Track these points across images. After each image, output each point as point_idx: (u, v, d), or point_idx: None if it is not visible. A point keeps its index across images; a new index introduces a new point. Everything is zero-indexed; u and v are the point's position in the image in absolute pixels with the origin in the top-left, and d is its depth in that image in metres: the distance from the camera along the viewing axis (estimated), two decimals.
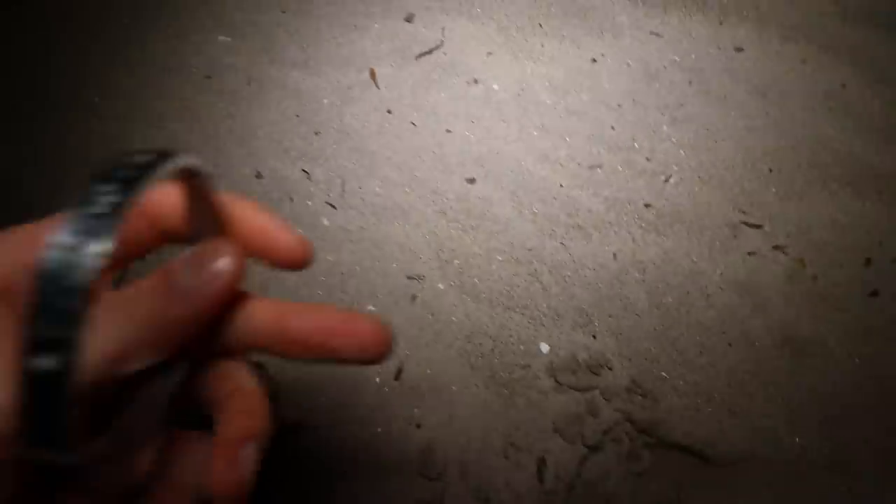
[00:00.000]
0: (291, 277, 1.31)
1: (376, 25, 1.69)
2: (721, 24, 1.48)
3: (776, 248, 1.16)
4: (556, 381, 1.08)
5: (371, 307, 1.26)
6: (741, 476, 0.99)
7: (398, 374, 1.18)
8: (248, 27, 1.77)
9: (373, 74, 1.62)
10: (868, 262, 1.13)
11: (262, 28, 1.76)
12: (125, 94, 1.68)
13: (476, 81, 1.52)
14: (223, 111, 1.61)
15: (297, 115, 1.57)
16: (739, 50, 1.43)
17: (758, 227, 1.19)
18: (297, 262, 0.44)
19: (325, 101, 1.58)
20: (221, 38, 1.76)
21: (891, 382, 1.03)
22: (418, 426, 1.12)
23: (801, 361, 1.06)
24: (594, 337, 1.13)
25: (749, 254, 1.17)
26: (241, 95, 1.64)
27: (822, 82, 1.36)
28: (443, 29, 1.64)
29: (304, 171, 1.48)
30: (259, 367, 1.17)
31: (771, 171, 1.25)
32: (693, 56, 1.44)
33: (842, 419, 1.01)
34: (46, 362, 0.25)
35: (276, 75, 1.66)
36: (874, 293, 1.09)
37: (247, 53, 1.72)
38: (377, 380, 1.18)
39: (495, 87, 1.50)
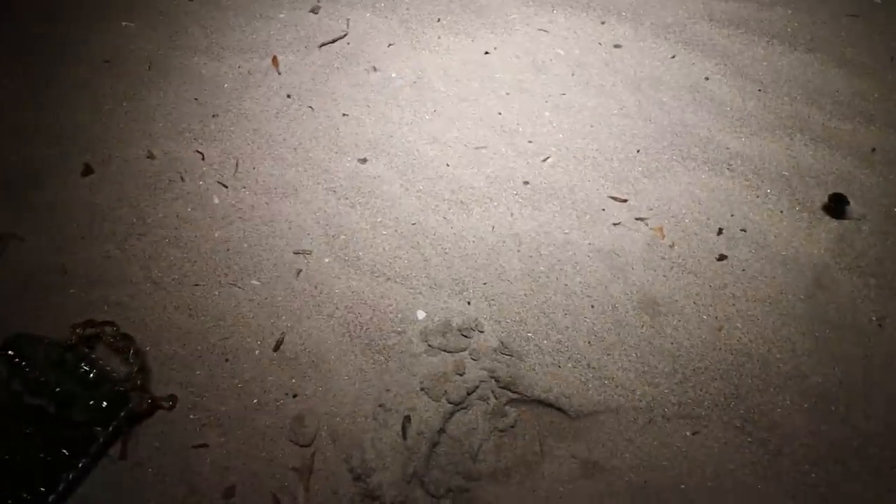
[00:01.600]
0: (175, 253, 1.29)
1: (282, 15, 1.72)
2: (603, 23, 1.60)
3: (638, 219, 1.24)
4: (428, 345, 1.10)
5: (255, 282, 1.26)
6: (596, 426, 1.03)
7: (278, 346, 1.17)
8: (155, 14, 1.76)
9: (275, 61, 1.64)
10: (720, 231, 1.22)
11: (169, 15, 1.76)
12: (18, 76, 1.63)
13: (375, 69, 1.57)
14: (120, 93, 1.59)
15: (196, 99, 1.57)
16: (618, 46, 1.54)
17: (623, 201, 1.27)
18: None
19: (226, 85, 1.59)
20: (125, 23, 1.74)
21: (733, 336, 1.11)
22: (294, 396, 1.11)
23: (656, 321, 1.13)
24: (469, 303, 1.17)
25: (614, 224, 1.24)
26: (140, 79, 1.62)
27: (688, 75, 1.48)
28: (347, 20, 1.68)
29: (198, 151, 1.46)
30: (126, 339, 1.14)
31: (638, 151, 1.34)
32: (577, 51, 1.54)
33: (689, 371, 1.08)
34: None
35: (179, 60, 1.65)
36: (722, 257, 1.18)
37: (150, 39, 1.71)
38: (256, 352, 1.17)
39: (393, 74, 1.55)
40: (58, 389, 1.05)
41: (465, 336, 1.11)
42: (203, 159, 1.45)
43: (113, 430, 1.05)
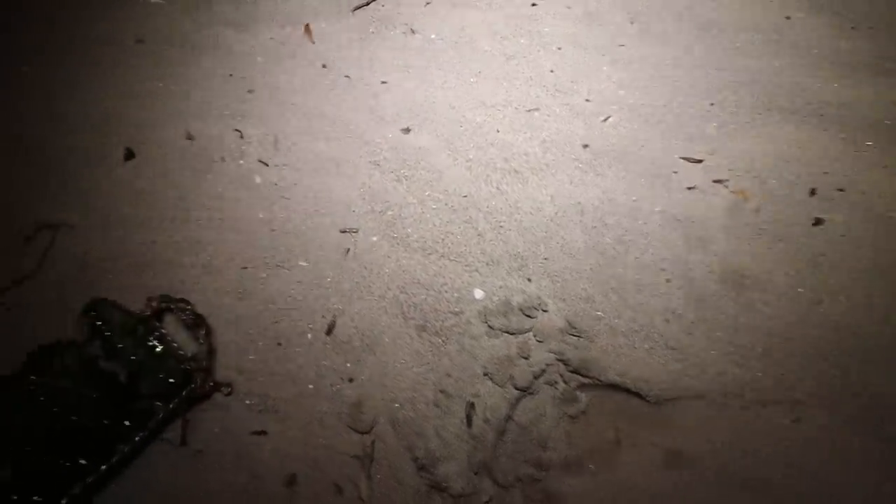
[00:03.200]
0: (220, 236, 1.25)
1: None
2: None
3: (717, 181, 1.12)
4: (489, 326, 1.03)
5: (303, 263, 1.20)
6: (680, 412, 0.94)
7: (330, 330, 1.12)
8: None
9: (308, 30, 1.55)
10: (813, 192, 1.08)
11: None
12: (56, 64, 1.61)
13: (413, 32, 1.46)
14: (154, 74, 1.54)
15: (231, 75, 1.50)
16: None
17: (698, 161, 1.14)
18: None
19: (259, 58, 1.52)
20: (154, 0, 1.69)
21: (836, 311, 0.98)
22: (350, 380, 1.07)
23: (743, 295, 1.01)
24: (529, 280, 1.08)
25: (688, 188, 1.12)
26: (173, 58, 1.57)
27: (766, 15, 1.31)
28: None
29: (236, 130, 1.41)
30: (199, 318, 1.11)
31: (712, 105, 1.20)
32: None
33: (785, 351, 0.96)
34: None
35: (210, 36, 1.59)
36: (818, 222, 1.05)
37: (181, 16, 1.65)
38: (308, 336, 1.13)
39: (433, 36, 1.44)
40: (132, 358, 1.04)
41: (528, 316, 1.03)
42: (242, 137, 1.39)
43: (173, 407, 1.03)
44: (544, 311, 1.04)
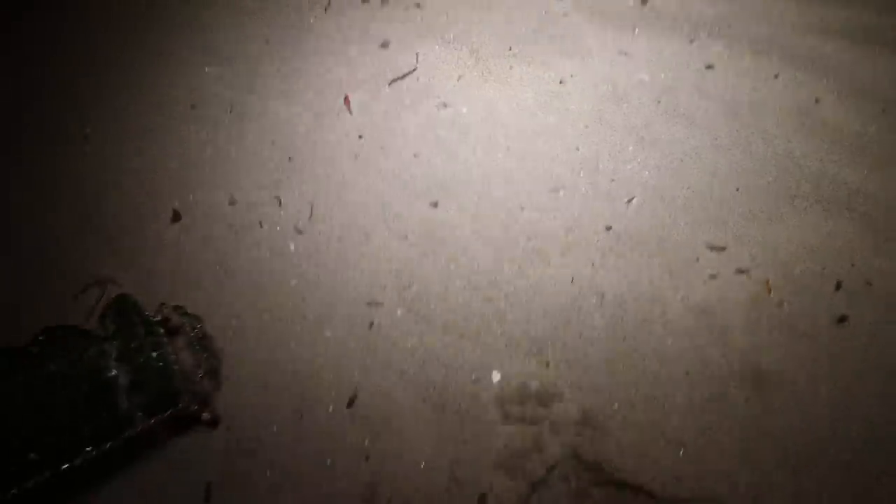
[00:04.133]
0: (254, 302, 1.33)
1: (353, 52, 1.72)
2: (692, 41, 1.46)
3: (740, 271, 1.11)
4: (505, 414, 1.05)
5: (328, 333, 1.26)
6: None
7: (351, 402, 1.17)
8: (234, 58, 1.83)
9: (347, 101, 1.64)
10: (839, 285, 1.07)
11: (247, 58, 1.81)
12: (112, 126, 1.75)
13: (445, 105, 1.53)
14: (204, 139, 1.66)
15: (273, 142, 1.60)
16: (710, 67, 1.40)
17: (721, 249, 1.14)
18: None
19: (301, 128, 1.61)
20: (208, 68, 1.82)
21: (861, 417, 0.96)
22: (367, 458, 1.10)
23: (762, 395, 1.00)
24: (547, 365, 1.10)
25: (711, 277, 1.12)
26: (222, 124, 1.68)
27: (795, 97, 1.31)
28: (416, 54, 1.65)
29: (275, 196, 1.50)
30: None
31: (738, 190, 1.21)
32: (662, 75, 1.41)
33: (806, 459, 0.94)
34: None
35: (256, 104, 1.70)
36: (843, 319, 1.03)
37: (231, 83, 1.77)
38: (330, 408, 1.17)
39: (464, 110, 1.50)
40: (141, 365, 1.03)
41: (544, 406, 1.04)
42: (280, 205, 1.48)
43: (154, 423, 1.02)
44: (560, 400, 1.05)
